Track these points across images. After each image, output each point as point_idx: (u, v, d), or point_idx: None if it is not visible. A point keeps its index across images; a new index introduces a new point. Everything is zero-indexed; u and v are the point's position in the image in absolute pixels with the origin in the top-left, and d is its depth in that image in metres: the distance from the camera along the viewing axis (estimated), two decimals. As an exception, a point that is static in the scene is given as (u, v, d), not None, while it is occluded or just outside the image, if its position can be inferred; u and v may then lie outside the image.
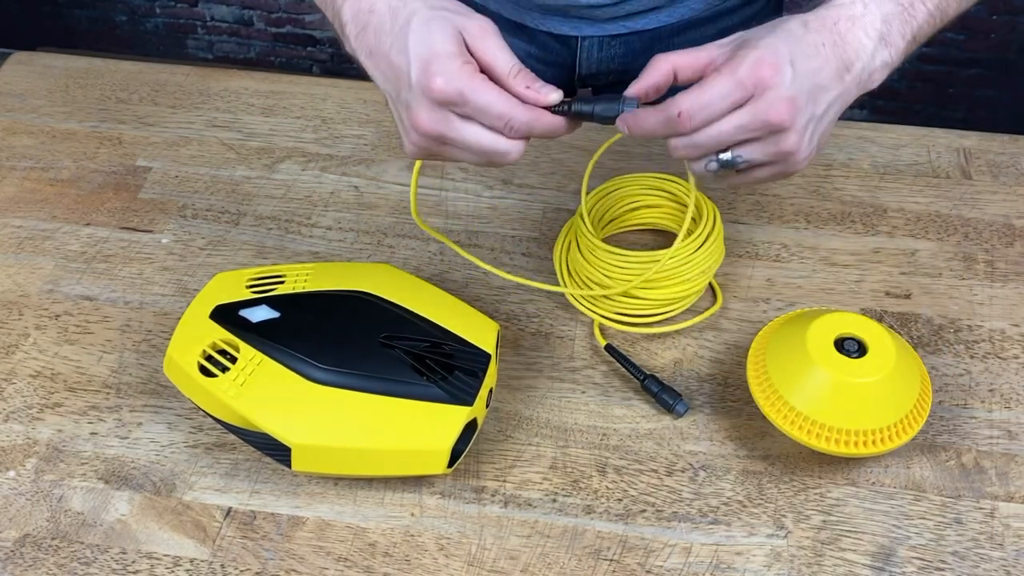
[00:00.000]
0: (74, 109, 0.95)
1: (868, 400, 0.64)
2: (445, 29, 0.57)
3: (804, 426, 0.64)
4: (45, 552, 0.64)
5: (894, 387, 0.64)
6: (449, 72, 0.56)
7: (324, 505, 0.66)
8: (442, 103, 0.57)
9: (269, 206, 0.86)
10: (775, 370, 0.66)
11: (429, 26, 0.57)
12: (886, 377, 0.64)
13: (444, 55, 0.56)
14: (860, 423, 0.64)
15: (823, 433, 0.64)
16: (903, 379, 0.65)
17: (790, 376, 0.66)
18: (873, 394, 0.64)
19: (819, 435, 0.64)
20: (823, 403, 0.64)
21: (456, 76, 0.56)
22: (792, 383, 0.65)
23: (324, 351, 0.64)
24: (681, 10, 0.92)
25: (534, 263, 0.81)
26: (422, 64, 0.57)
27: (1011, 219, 0.84)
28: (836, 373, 0.64)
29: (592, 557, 0.63)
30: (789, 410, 0.65)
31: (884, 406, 0.64)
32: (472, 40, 0.58)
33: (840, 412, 0.64)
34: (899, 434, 0.64)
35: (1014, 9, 1.97)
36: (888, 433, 0.64)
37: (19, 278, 0.80)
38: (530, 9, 0.92)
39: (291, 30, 2.30)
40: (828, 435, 0.64)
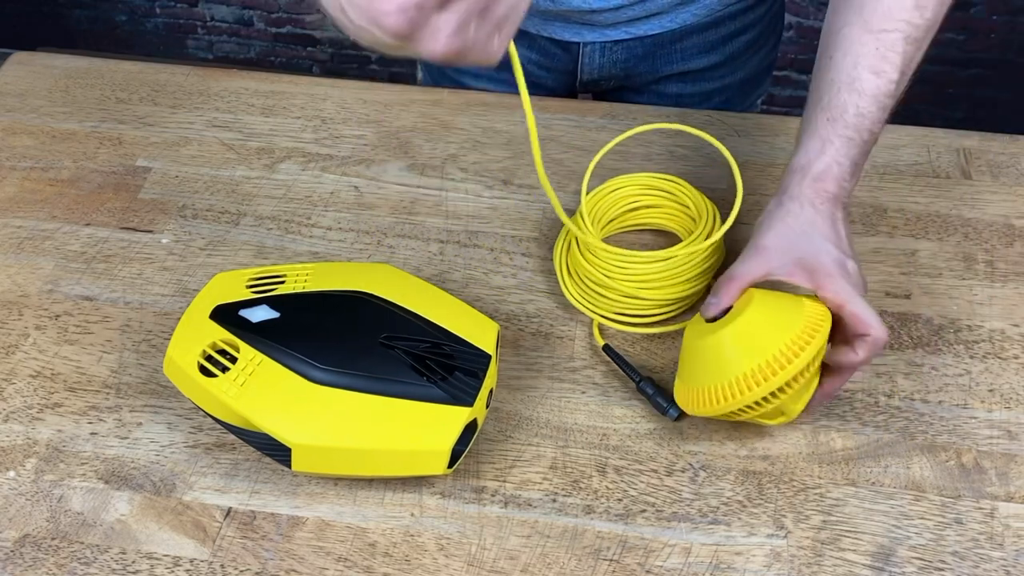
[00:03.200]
0: (74, 109, 0.95)
1: (741, 338, 0.63)
2: None
3: (714, 396, 0.64)
4: (45, 552, 0.64)
5: (768, 316, 0.64)
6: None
7: (324, 505, 0.66)
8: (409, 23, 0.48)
9: (269, 206, 0.86)
10: (687, 375, 0.68)
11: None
12: (752, 314, 0.64)
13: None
14: (724, 374, 0.63)
15: (723, 392, 0.63)
16: (775, 309, 0.64)
17: (691, 368, 0.67)
18: (743, 330, 0.63)
19: (722, 396, 0.63)
20: (696, 369, 0.66)
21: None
22: (694, 372, 0.66)
23: (324, 351, 0.64)
24: (683, 15, 0.92)
25: (534, 263, 0.81)
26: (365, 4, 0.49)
27: (1011, 219, 0.84)
28: (693, 338, 0.66)
29: (592, 557, 0.63)
30: (701, 393, 0.65)
31: (765, 334, 0.63)
32: None
33: (726, 363, 0.63)
34: (770, 375, 0.62)
35: (1014, 9, 1.97)
36: (756, 377, 0.62)
37: (19, 278, 0.80)
38: (531, 15, 0.92)
39: (291, 30, 2.30)
40: (726, 392, 0.63)
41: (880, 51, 0.67)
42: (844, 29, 0.68)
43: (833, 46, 0.69)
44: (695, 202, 0.79)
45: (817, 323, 0.63)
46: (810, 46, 2.12)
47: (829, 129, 0.68)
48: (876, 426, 0.70)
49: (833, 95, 0.68)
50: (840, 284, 0.64)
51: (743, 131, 0.91)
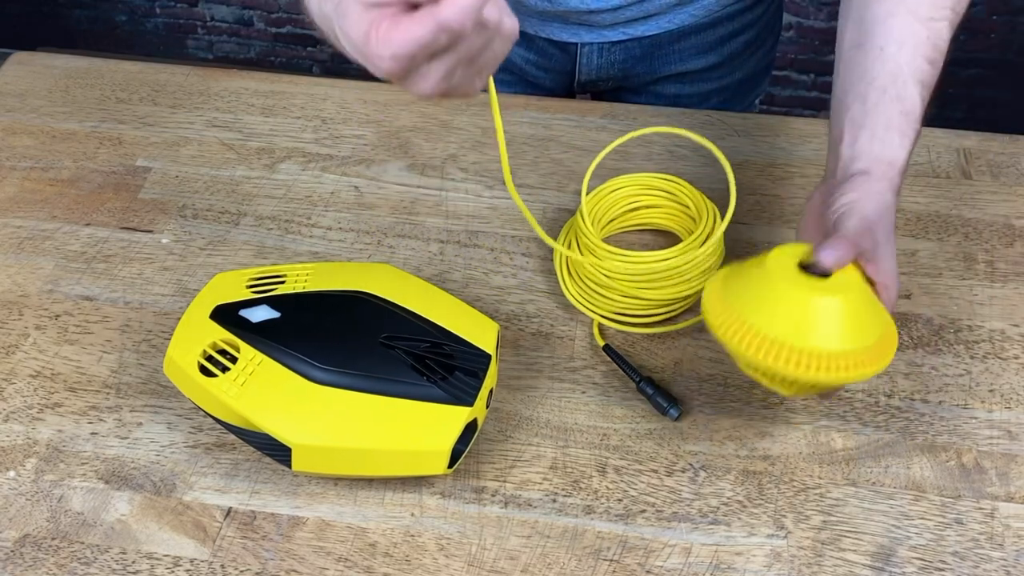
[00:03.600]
0: (74, 109, 0.95)
1: (843, 317, 0.58)
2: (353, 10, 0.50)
3: (781, 353, 0.58)
4: (45, 552, 0.64)
5: (865, 308, 0.59)
6: (373, 47, 0.49)
7: (324, 505, 0.66)
8: (402, 70, 0.50)
9: (269, 206, 0.86)
10: (740, 304, 0.60)
11: (343, 11, 0.51)
12: (856, 296, 0.59)
13: (362, 38, 0.49)
14: (835, 343, 0.58)
15: (798, 358, 0.57)
16: (871, 304, 0.60)
17: (758, 304, 0.60)
18: (847, 310, 0.58)
19: (794, 361, 0.57)
20: (766, 309, 0.59)
21: (381, 44, 0.49)
22: (762, 310, 0.59)
23: (324, 351, 0.64)
24: (681, 16, 0.92)
25: (534, 263, 0.81)
26: (360, 57, 0.52)
27: (1011, 219, 0.84)
28: (782, 277, 0.59)
29: (592, 557, 0.63)
30: (763, 340, 0.58)
31: (858, 325, 0.58)
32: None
33: (816, 332, 0.58)
34: (873, 360, 0.58)
35: (1014, 9, 1.97)
36: (863, 357, 0.58)
37: (19, 278, 0.80)
38: (529, 16, 0.92)
39: (291, 30, 2.30)
40: (800, 359, 0.57)
41: (931, 40, 0.66)
42: (890, 20, 0.66)
43: (882, 36, 0.66)
44: (695, 202, 0.79)
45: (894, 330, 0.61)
46: (810, 46, 2.12)
47: (904, 123, 0.65)
48: (876, 426, 0.70)
49: (901, 87, 0.65)
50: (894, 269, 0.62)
51: (743, 131, 0.91)
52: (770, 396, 0.72)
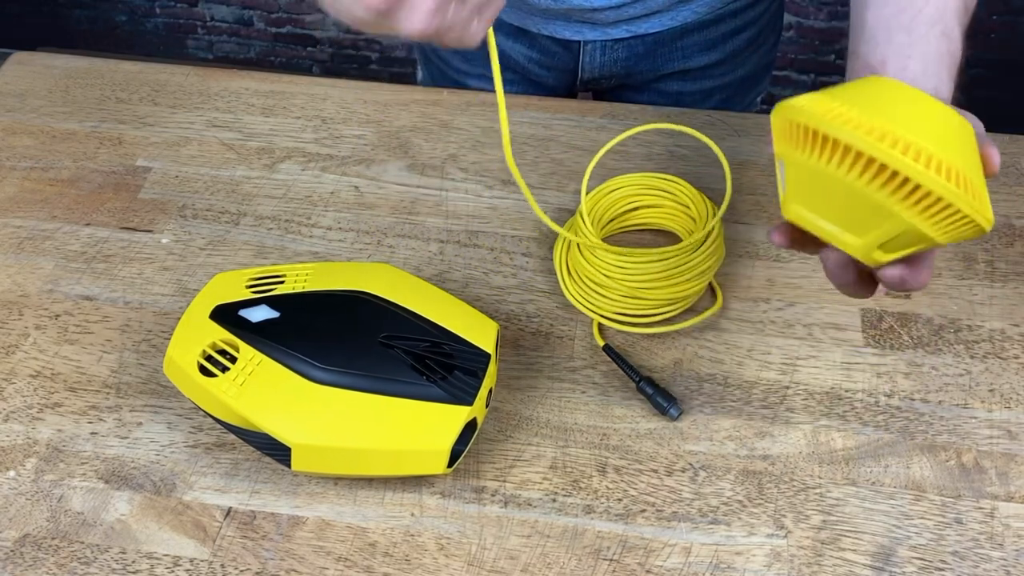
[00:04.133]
0: (74, 109, 0.95)
1: (972, 146, 0.50)
2: None
3: (932, 162, 0.47)
4: (45, 552, 0.64)
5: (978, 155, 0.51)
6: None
7: (324, 505, 0.66)
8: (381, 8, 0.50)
9: (269, 206, 0.86)
10: (854, 105, 0.49)
11: None
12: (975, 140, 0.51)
13: None
14: (975, 172, 0.49)
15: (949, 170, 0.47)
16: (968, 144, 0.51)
17: (874, 102, 0.49)
18: (974, 145, 0.51)
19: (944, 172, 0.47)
20: (912, 119, 0.48)
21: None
22: (875, 105, 0.49)
23: (324, 351, 0.64)
24: (684, 13, 0.92)
25: (534, 263, 0.81)
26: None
27: (1011, 219, 0.84)
28: (934, 104, 0.50)
29: (592, 557, 0.63)
30: (888, 134, 0.47)
31: (978, 166, 0.51)
32: None
33: (962, 152, 0.49)
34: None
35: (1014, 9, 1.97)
36: (981, 195, 0.49)
37: (19, 278, 0.80)
38: (532, 14, 0.92)
39: (291, 30, 2.30)
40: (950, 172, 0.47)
41: None
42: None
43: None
44: (695, 202, 0.79)
45: None
46: (810, 46, 2.12)
47: (951, 63, 0.60)
48: (876, 426, 0.70)
49: (948, 24, 0.60)
50: None
51: (743, 131, 0.91)
52: (770, 396, 0.72)
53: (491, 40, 0.56)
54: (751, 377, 0.73)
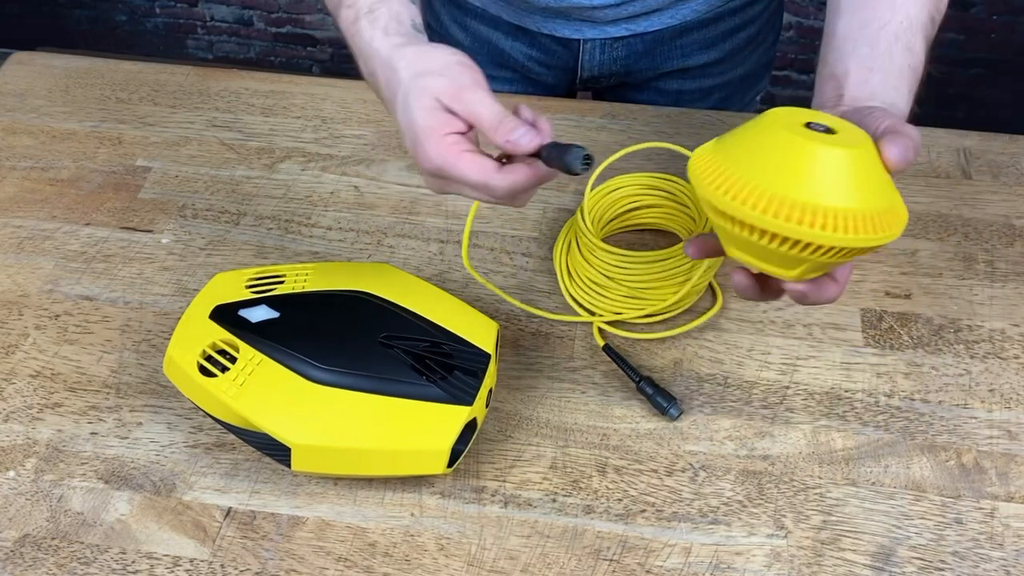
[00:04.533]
0: (74, 109, 0.95)
1: (851, 174, 0.51)
2: (422, 101, 0.59)
3: (782, 209, 0.50)
4: (45, 552, 0.64)
5: (874, 172, 0.53)
6: (428, 150, 0.58)
7: (324, 505, 0.66)
8: (432, 175, 0.60)
9: (269, 206, 0.86)
10: (732, 160, 0.52)
11: (408, 102, 0.59)
12: (866, 156, 0.52)
13: (423, 131, 0.58)
14: (841, 200, 0.50)
15: (801, 214, 0.50)
16: (879, 170, 0.53)
17: (754, 159, 0.52)
18: (856, 167, 0.51)
19: (796, 216, 0.49)
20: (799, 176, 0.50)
21: (435, 153, 0.58)
22: (755, 163, 0.51)
23: (324, 351, 0.64)
24: (683, 11, 0.92)
25: (534, 263, 0.81)
26: (411, 138, 0.60)
27: (1011, 219, 0.84)
28: (806, 140, 0.51)
29: (592, 557, 0.63)
30: (761, 193, 0.50)
31: (867, 187, 0.52)
32: (450, 102, 0.59)
33: (821, 186, 0.50)
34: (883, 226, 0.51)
35: (1014, 9, 1.97)
36: (871, 221, 0.51)
37: (19, 278, 0.80)
38: (531, 12, 0.92)
39: (291, 30, 2.30)
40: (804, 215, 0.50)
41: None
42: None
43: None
44: (695, 202, 0.79)
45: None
46: (810, 46, 2.12)
47: (912, 78, 0.63)
48: (876, 426, 0.70)
49: (911, 38, 0.63)
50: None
51: (743, 131, 0.90)
52: (770, 396, 0.72)
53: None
54: (751, 377, 0.73)
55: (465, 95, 0.59)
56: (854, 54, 0.63)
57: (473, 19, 0.96)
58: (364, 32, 0.63)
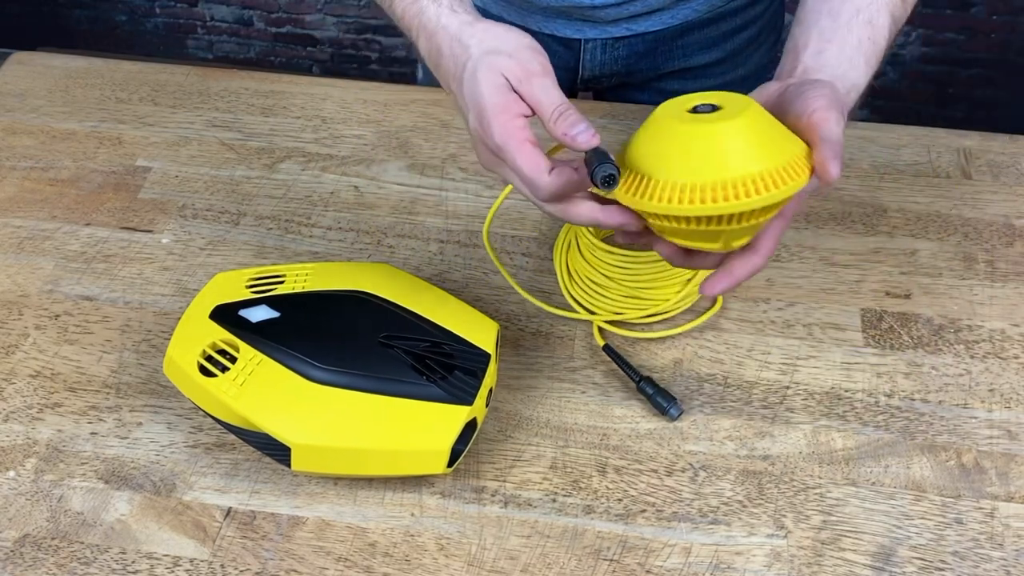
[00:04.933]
0: (74, 109, 0.95)
1: (741, 142, 0.54)
2: (492, 78, 0.59)
3: (675, 193, 0.54)
4: (45, 552, 0.64)
5: (765, 132, 0.55)
6: (493, 127, 0.58)
7: (324, 505, 0.66)
8: (489, 150, 0.60)
9: (269, 206, 0.86)
10: (641, 163, 0.57)
11: (476, 76, 0.59)
12: (750, 118, 0.55)
13: (491, 108, 0.59)
14: (732, 170, 0.54)
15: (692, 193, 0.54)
16: (771, 128, 0.56)
17: (651, 154, 0.56)
18: (744, 135, 0.54)
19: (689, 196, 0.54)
20: (683, 160, 0.55)
21: (499, 132, 0.58)
22: (652, 158, 0.56)
23: (324, 351, 0.64)
24: (684, 11, 0.92)
25: (534, 263, 0.81)
26: (476, 114, 0.60)
27: (1011, 219, 0.84)
28: (679, 123, 0.55)
29: (592, 557, 0.63)
30: (655, 186, 0.55)
31: (759, 150, 0.54)
32: (518, 84, 0.59)
33: (710, 162, 0.54)
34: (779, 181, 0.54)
35: (1014, 9, 1.97)
36: (769, 180, 0.54)
37: (19, 278, 0.80)
38: (533, 12, 0.92)
39: (291, 30, 2.30)
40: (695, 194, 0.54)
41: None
42: None
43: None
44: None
45: (803, 160, 0.56)
46: (810, 46, 2.11)
47: (871, 51, 0.64)
48: (876, 426, 0.70)
49: (874, 13, 0.65)
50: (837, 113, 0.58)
51: (743, 131, 0.90)
52: (770, 396, 0.72)
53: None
54: (751, 377, 0.73)
55: (533, 79, 0.59)
56: (815, 26, 0.65)
57: (474, 19, 0.96)
58: (428, 9, 0.64)
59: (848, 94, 0.62)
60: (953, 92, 2.11)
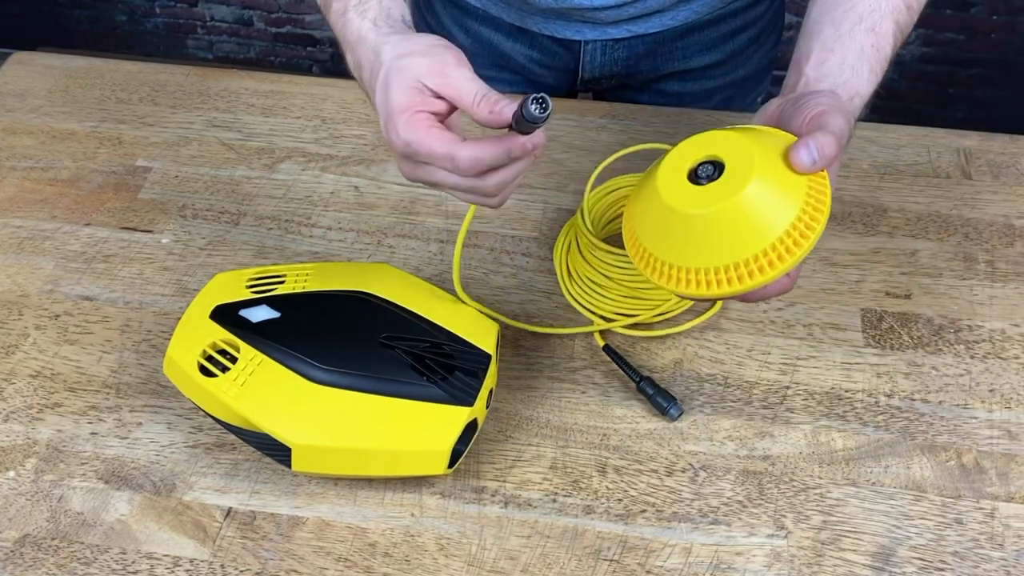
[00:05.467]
0: (74, 109, 0.95)
1: (720, 229, 0.55)
2: (402, 81, 0.59)
3: (664, 271, 0.57)
4: (45, 552, 0.64)
5: (755, 209, 0.54)
6: (398, 125, 0.58)
7: (324, 505, 0.66)
8: (403, 155, 0.59)
9: (269, 206, 0.86)
10: (637, 218, 0.59)
11: (387, 81, 0.59)
12: (742, 199, 0.54)
13: (397, 110, 0.58)
14: (721, 256, 0.55)
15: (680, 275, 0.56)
16: (767, 199, 0.55)
17: (645, 221, 0.58)
18: (728, 219, 0.55)
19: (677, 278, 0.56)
20: (670, 241, 0.57)
21: (404, 128, 0.58)
22: (646, 227, 0.58)
23: (324, 351, 0.64)
24: (684, 13, 0.92)
25: (534, 263, 0.81)
26: (384, 121, 0.59)
27: (1011, 219, 0.84)
28: (677, 204, 0.56)
29: (592, 557, 0.63)
30: (650, 257, 0.58)
31: (751, 229, 0.54)
32: (433, 82, 0.58)
33: (699, 249, 0.56)
34: (770, 264, 0.55)
35: (1014, 9, 1.97)
36: (756, 265, 0.54)
37: (19, 278, 0.80)
38: (532, 13, 0.92)
39: (291, 30, 2.30)
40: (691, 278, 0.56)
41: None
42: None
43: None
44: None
45: (821, 194, 0.56)
46: (810, 46, 2.12)
47: (875, 58, 0.64)
48: (876, 426, 0.70)
49: (878, 20, 0.64)
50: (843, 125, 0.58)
51: (743, 131, 0.90)
52: (770, 396, 0.72)
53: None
54: (751, 377, 0.73)
55: (449, 71, 0.59)
56: (818, 36, 0.65)
57: (474, 20, 0.96)
58: (353, 23, 0.64)
59: (851, 100, 0.62)
60: (953, 92, 2.11)
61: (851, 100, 0.62)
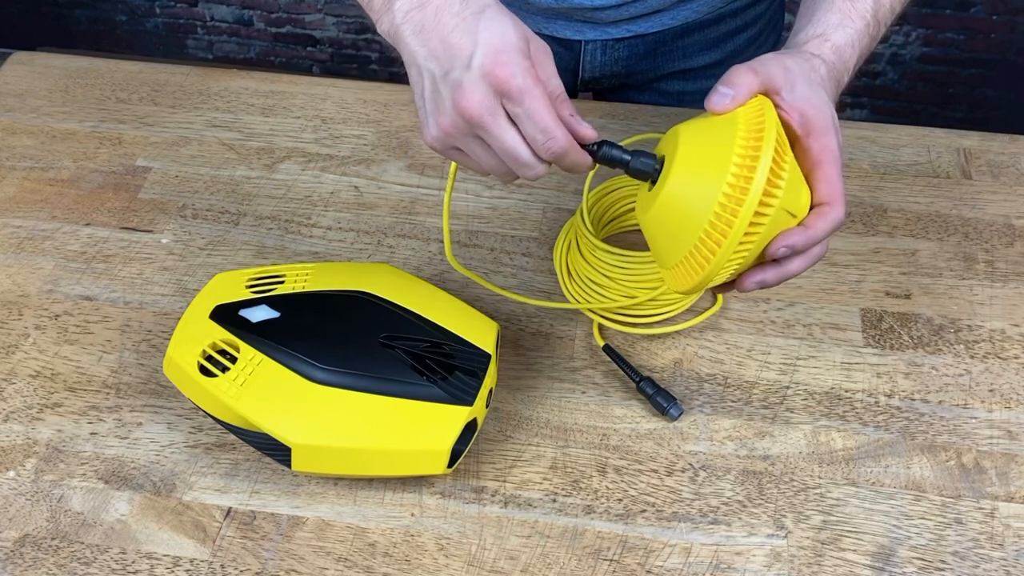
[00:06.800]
0: (74, 109, 0.95)
1: (679, 201, 0.57)
2: (519, 29, 0.58)
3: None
4: (45, 552, 0.64)
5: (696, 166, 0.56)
6: (517, 66, 0.56)
7: (324, 505, 0.66)
8: (499, 92, 0.56)
9: (269, 206, 0.86)
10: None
11: (503, 20, 0.57)
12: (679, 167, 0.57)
13: (515, 49, 0.56)
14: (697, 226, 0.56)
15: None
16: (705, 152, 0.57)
17: (655, 250, 0.62)
18: (678, 189, 0.57)
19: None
20: (654, 245, 0.61)
21: (522, 72, 0.56)
22: (658, 254, 0.62)
23: (324, 351, 0.64)
24: (684, 12, 0.92)
25: (534, 263, 0.81)
26: (492, 51, 0.56)
27: (1011, 219, 0.84)
28: (640, 212, 0.60)
29: (592, 557, 0.63)
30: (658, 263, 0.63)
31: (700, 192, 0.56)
32: (534, 52, 0.58)
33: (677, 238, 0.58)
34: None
35: (1014, 9, 1.97)
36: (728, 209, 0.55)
37: (19, 278, 0.80)
38: (533, 13, 0.92)
39: (291, 30, 2.30)
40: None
41: None
42: None
43: None
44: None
45: (757, 119, 0.56)
46: (810, 46, 2.11)
47: (849, 7, 0.64)
48: (876, 426, 0.70)
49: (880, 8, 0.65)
50: (831, 141, 0.59)
51: (743, 131, 0.90)
52: (770, 396, 0.72)
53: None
54: (751, 377, 0.73)
55: (548, 58, 0.59)
56: (801, 10, 0.67)
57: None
58: None
59: (821, 45, 0.63)
60: (953, 92, 2.11)
61: (819, 47, 0.63)
